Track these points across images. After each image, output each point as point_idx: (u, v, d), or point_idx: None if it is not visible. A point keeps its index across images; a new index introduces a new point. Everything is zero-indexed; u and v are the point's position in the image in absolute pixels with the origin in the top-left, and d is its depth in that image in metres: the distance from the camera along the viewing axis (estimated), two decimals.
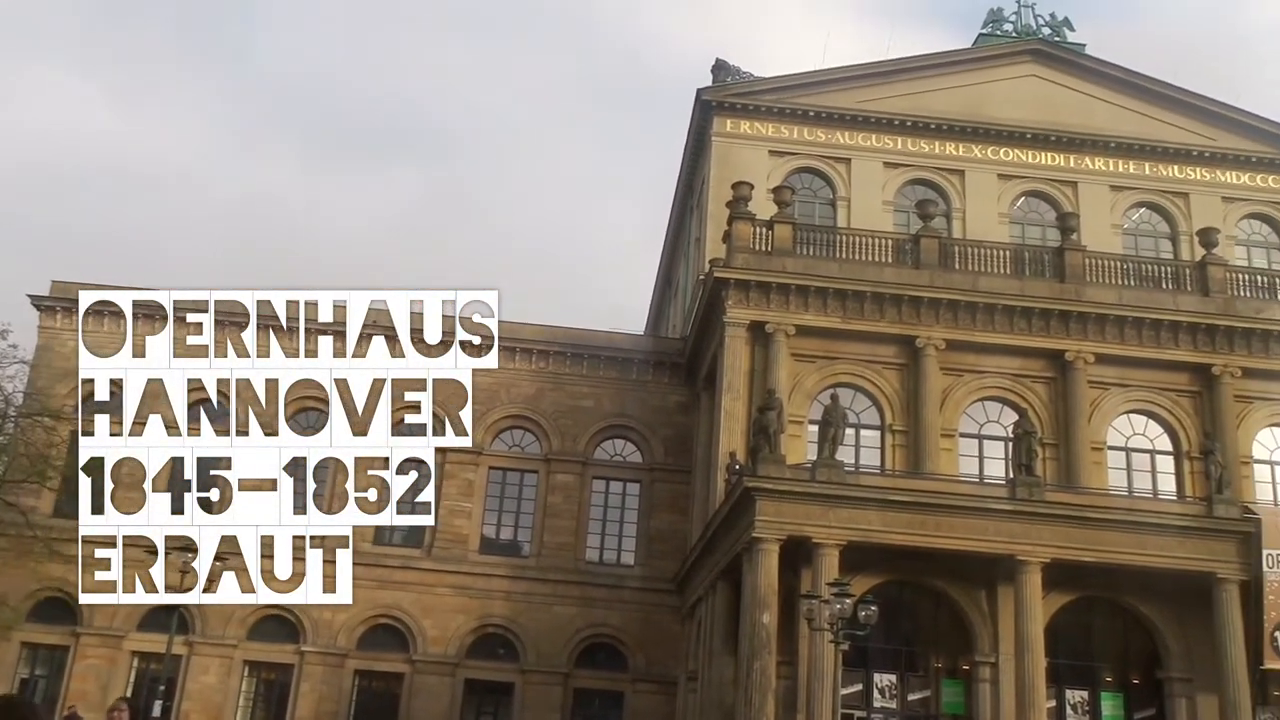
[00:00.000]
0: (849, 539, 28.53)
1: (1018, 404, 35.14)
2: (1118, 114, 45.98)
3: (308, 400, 14.15)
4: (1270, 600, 29.14)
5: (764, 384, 33.97)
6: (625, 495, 43.24)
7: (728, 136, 44.73)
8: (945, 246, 37.28)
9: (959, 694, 31.03)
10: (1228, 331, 35.83)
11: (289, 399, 13.11)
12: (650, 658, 40.84)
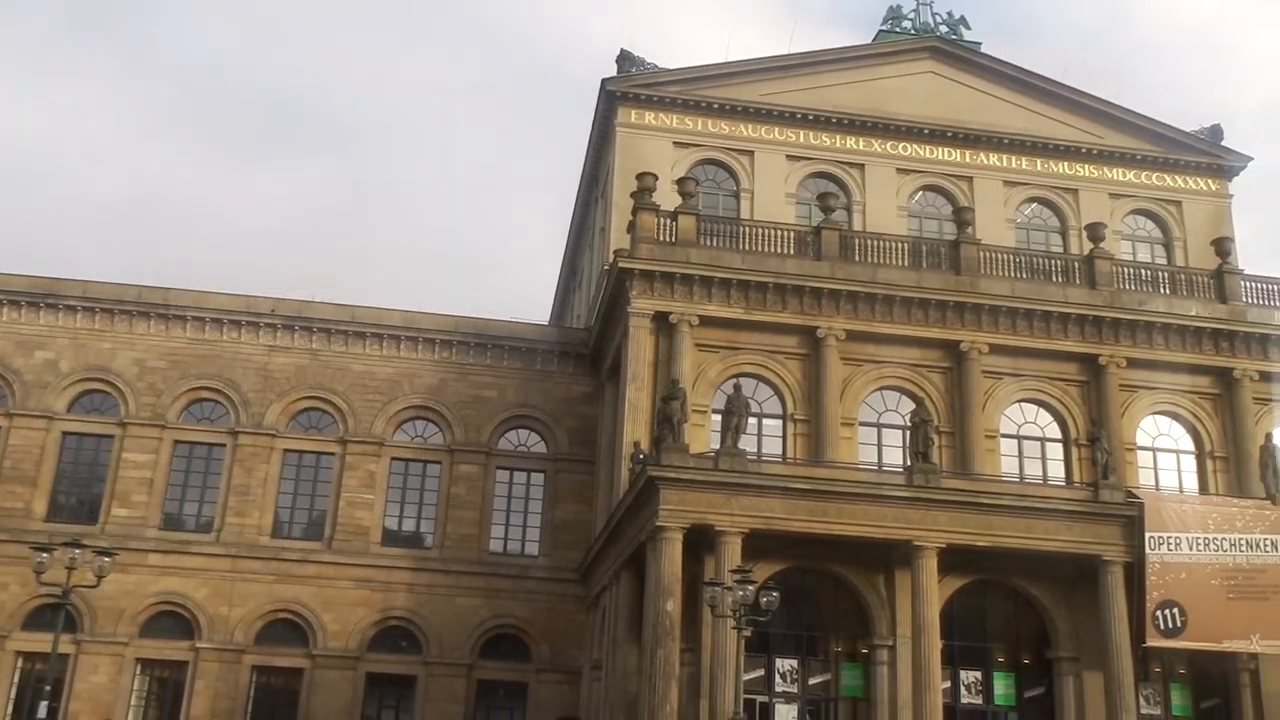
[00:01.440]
0: (752, 527, 28.90)
1: (915, 393, 35.93)
2: (1011, 111, 47.24)
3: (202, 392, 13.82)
4: (1152, 581, 30.34)
5: (668, 374, 34.17)
6: (529, 486, 43.09)
7: (632, 127, 44.78)
8: (846, 239, 37.89)
9: (858, 677, 31.67)
10: (1113, 323, 37.11)
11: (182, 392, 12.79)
12: (555, 648, 40.81)
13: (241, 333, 42.99)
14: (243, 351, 42.82)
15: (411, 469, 42.79)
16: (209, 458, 41.95)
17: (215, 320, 42.85)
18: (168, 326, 42.75)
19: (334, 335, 43.30)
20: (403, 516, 42.34)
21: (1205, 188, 47.43)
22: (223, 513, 41.09)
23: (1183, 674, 33.45)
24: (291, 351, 43.08)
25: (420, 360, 43.52)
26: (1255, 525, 31.00)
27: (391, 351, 43.45)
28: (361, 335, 43.37)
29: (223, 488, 41.42)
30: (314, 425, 42.75)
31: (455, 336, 43.74)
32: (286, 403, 42.47)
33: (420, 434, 43.21)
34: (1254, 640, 30.70)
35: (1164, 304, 37.79)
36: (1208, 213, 46.84)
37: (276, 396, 42.44)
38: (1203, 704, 33.46)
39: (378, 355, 43.36)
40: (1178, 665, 33.32)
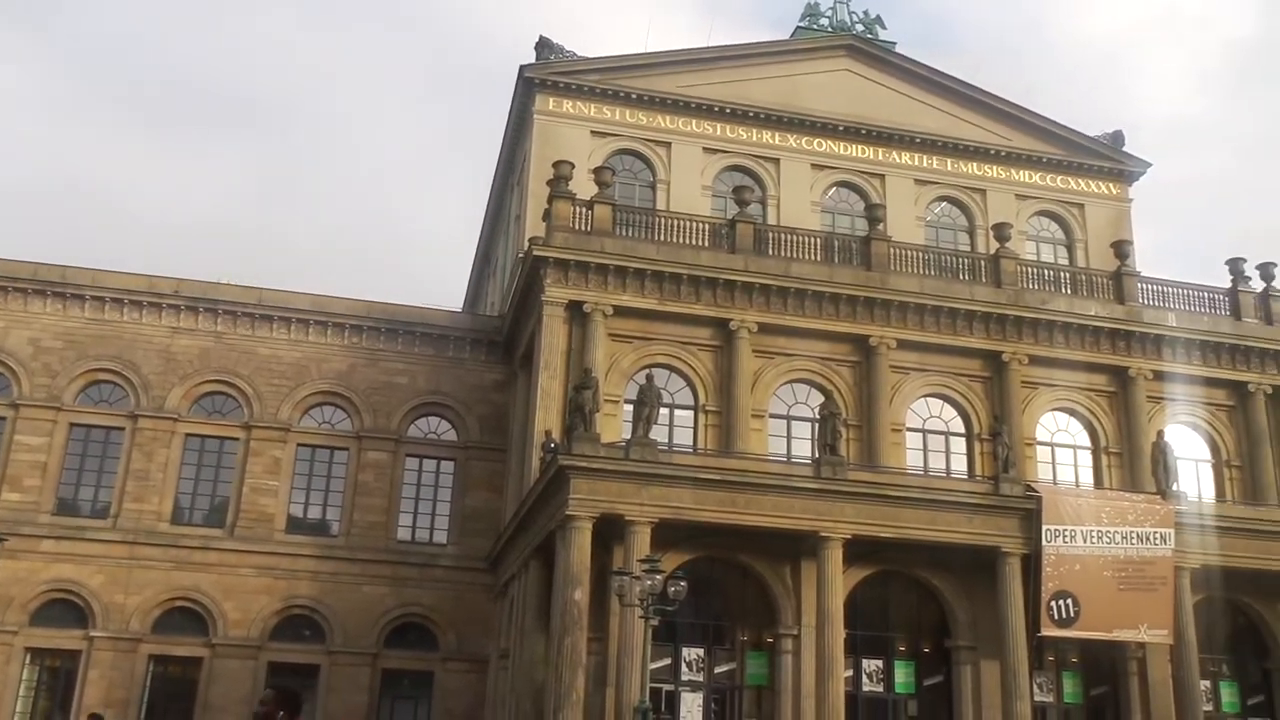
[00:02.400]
0: (661, 516, 29.01)
1: (824, 386, 36.40)
2: (924, 111, 48.10)
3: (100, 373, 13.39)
4: (1048, 572, 31.19)
5: (581, 363, 34.09)
6: (439, 473, 42.72)
7: (550, 115, 44.57)
8: (760, 232, 38.18)
9: (763, 665, 32.04)
10: (1016, 321, 38.01)
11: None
12: (462, 636, 40.56)
13: (143, 313, 41.81)
14: (144, 333, 41.66)
15: (318, 455, 42.12)
16: (106, 441, 40.78)
17: (115, 300, 41.63)
18: (65, 305, 41.42)
19: (240, 318, 42.36)
20: (308, 504, 41.67)
21: (1106, 191, 48.86)
22: (120, 498, 39.98)
23: (1075, 662, 34.49)
24: (195, 333, 42.05)
25: (329, 345, 42.82)
26: (1146, 519, 32.03)
27: (300, 335, 42.66)
28: (269, 318, 42.50)
29: (120, 472, 40.30)
30: (218, 409, 41.81)
31: (366, 321, 43.11)
32: (189, 386, 41.45)
33: (328, 420, 42.53)
34: (1142, 630, 31.75)
35: (1065, 303, 38.81)
36: (1108, 216, 48.27)
37: (179, 379, 41.39)
38: (1093, 691, 34.55)
39: (285, 339, 42.54)
40: (1070, 654, 34.35)
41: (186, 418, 41.29)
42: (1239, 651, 35.42)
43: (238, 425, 41.53)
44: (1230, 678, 35.26)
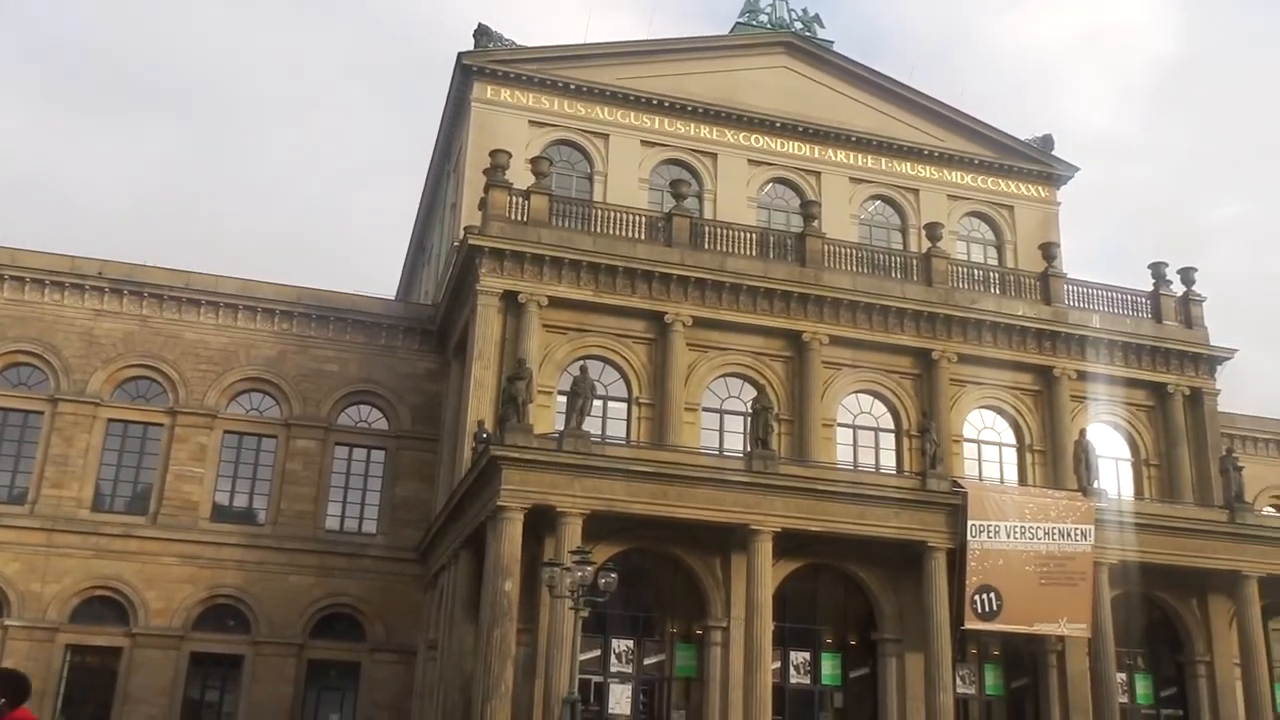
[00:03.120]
0: (593, 508, 29.01)
1: (757, 380, 36.65)
2: (860, 110, 48.62)
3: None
4: (972, 566, 31.76)
5: (515, 353, 33.96)
6: (369, 463, 42.26)
7: (488, 103, 44.28)
8: (696, 226, 38.32)
9: (691, 657, 32.21)
10: (946, 319, 38.61)
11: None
12: (390, 627, 40.21)
13: (65, 295, 40.77)
14: (65, 314, 40.62)
15: (245, 443, 41.42)
16: (25, 425, 39.72)
17: (36, 281, 40.53)
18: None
19: (166, 301, 41.49)
20: (234, 492, 40.99)
21: (1036, 194, 49.80)
22: (38, 484, 38.98)
23: (996, 655, 35.18)
24: (120, 316, 41.10)
25: (258, 331, 42.12)
26: (1067, 515, 32.75)
27: (228, 321, 41.91)
28: (196, 302, 41.68)
29: (39, 458, 39.29)
30: (141, 395, 40.93)
31: (296, 308, 42.47)
32: (112, 370, 40.52)
33: (256, 407, 41.85)
34: (1062, 623, 32.48)
35: (993, 303, 39.51)
36: (1037, 218, 49.22)
37: (101, 363, 40.44)
38: (1014, 683, 35.28)
39: (213, 324, 41.76)
40: (992, 647, 35.03)
41: (109, 402, 40.36)
42: (1154, 645, 36.42)
43: (162, 411, 40.69)
44: (1145, 670, 36.24)
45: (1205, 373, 40.92)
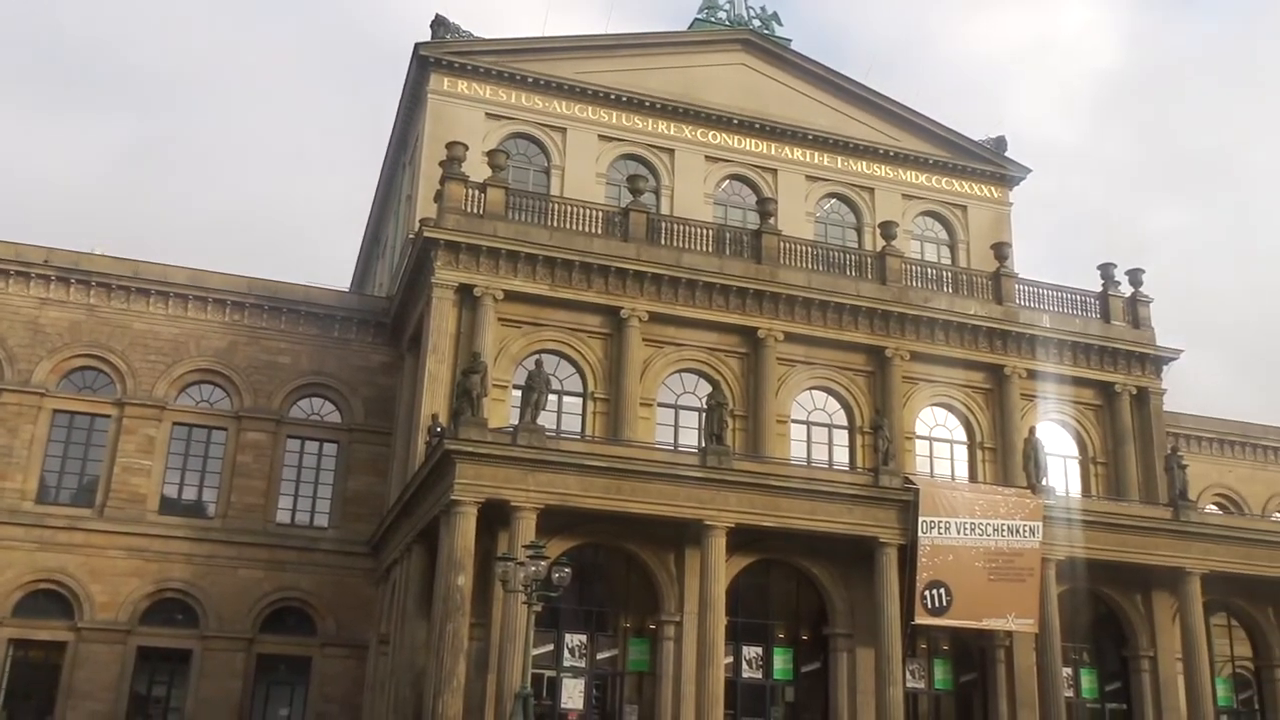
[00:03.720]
0: (547, 503, 28.96)
1: (712, 376, 36.76)
2: (817, 109, 48.89)
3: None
4: (922, 562, 32.08)
5: (470, 347, 33.81)
6: (321, 456, 41.86)
7: (444, 95, 44.01)
8: (653, 222, 38.34)
9: (645, 652, 32.27)
10: (900, 318, 38.95)
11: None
12: (341, 621, 39.90)
13: (9, 283, 39.98)
14: (10, 303, 39.85)
15: (195, 435, 40.88)
16: None
17: None
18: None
19: (114, 290, 40.81)
20: (183, 484, 40.44)
21: (989, 194, 50.35)
22: None
23: (946, 650, 35.58)
24: (66, 305, 40.38)
25: (209, 321, 41.58)
26: (1016, 512, 33.17)
27: (178, 311, 41.32)
28: (145, 292, 41.05)
29: None
30: (88, 385, 40.25)
31: (247, 298, 41.96)
32: (58, 360, 39.81)
33: (206, 398, 41.31)
34: (1010, 619, 32.89)
35: (946, 302, 39.91)
36: (989, 218, 49.78)
37: (47, 353, 39.72)
38: (962, 678, 35.70)
39: (162, 314, 41.15)
40: (942, 641, 35.43)
41: (55, 393, 39.66)
42: (1099, 640, 37.00)
43: (109, 402, 40.05)
44: (1090, 665, 36.81)
45: (1151, 372, 41.62)
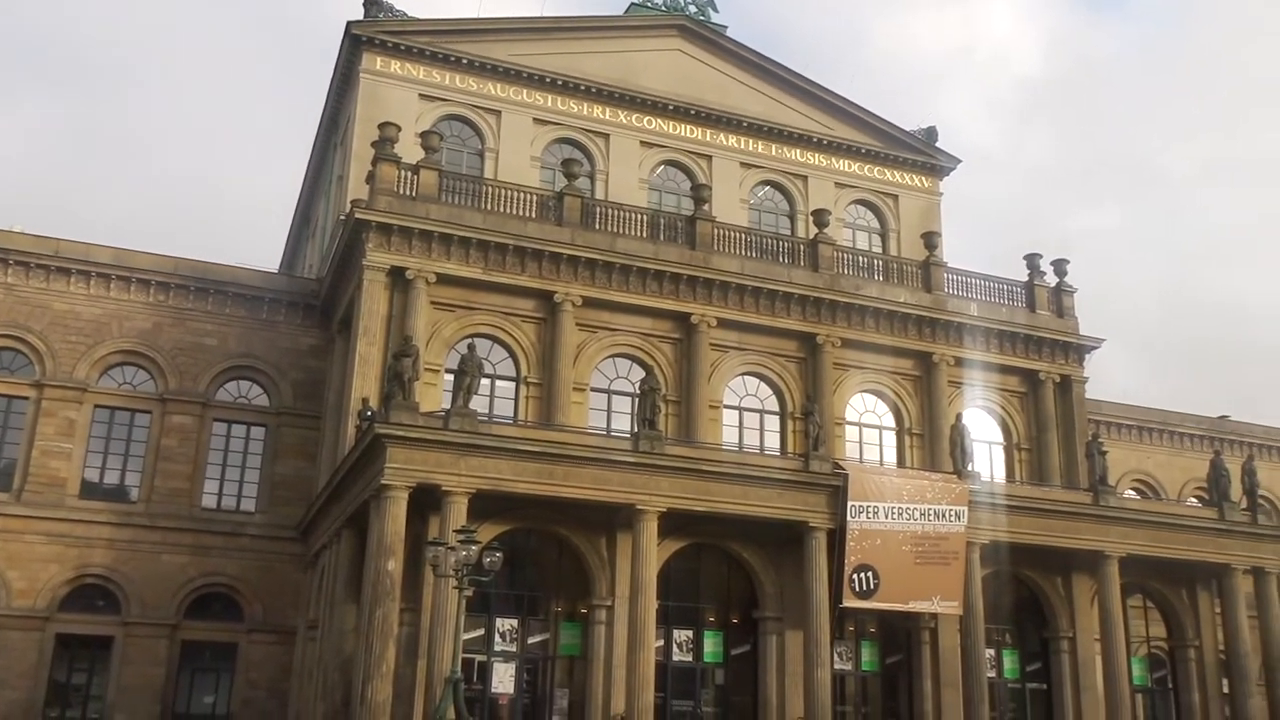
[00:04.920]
0: (479, 487, 28.85)
1: (646, 361, 36.87)
2: (751, 96, 49.10)
3: None
4: (851, 546, 32.53)
5: (401, 330, 33.50)
6: (249, 440, 41.23)
7: (376, 75, 43.44)
8: (587, 206, 38.26)
9: (576, 636, 32.33)
10: (831, 305, 39.35)
11: None
12: (269, 607, 39.41)
13: None
14: None
15: (118, 418, 40.01)
16: None
17: None
18: None
19: (34, 270, 39.72)
20: (105, 468, 39.60)
21: (919, 184, 51.02)
22: None
23: (873, 632, 36.16)
24: None
25: (132, 302, 40.66)
26: (943, 497, 33.77)
27: (100, 291, 40.34)
28: (66, 271, 40.01)
29: None
30: (5, 366, 39.19)
31: (173, 279, 41.09)
32: None
33: (129, 381, 40.43)
34: (935, 601, 33.53)
35: (877, 290, 40.41)
36: (920, 207, 50.46)
37: None
38: (888, 659, 36.30)
39: (84, 294, 40.15)
40: (869, 624, 36.00)
41: None
42: (1021, 621, 37.84)
43: (27, 384, 39.01)
44: (1012, 646, 37.64)
45: (1075, 361, 42.57)
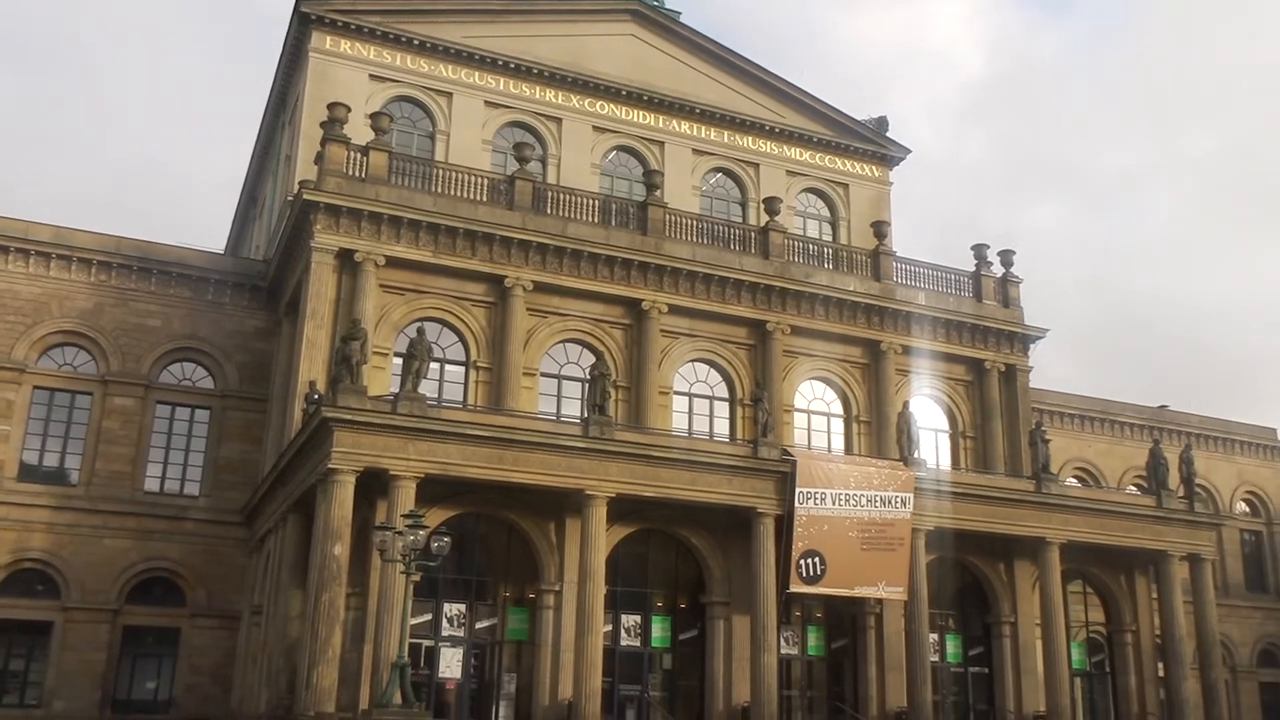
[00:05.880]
0: (427, 472, 28.70)
1: (596, 347, 36.86)
2: (705, 83, 49.13)
3: None
4: (798, 532, 32.80)
5: (350, 313, 33.18)
6: (193, 423, 40.68)
7: (326, 54, 42.90)
8: (539, 191, 38.09)
9: (524, 620, 32.32)
10: (781, 292, 39.55)
11: None
12: (212, 592, 38.97)
13: None
14: None
15: (58, 399, 39.30)
16: None
17: None
18: None
19: None
20: (45, 450, 38.91)
21: (870, 173, 51.39)
22: None
23: (819, 617, 36.51)
24: None
25: (73, 281, 39.90)
26: (889, 483, 34.14)
27: (40, 269, 39.52)
28: (4, 249, 39.16)
29: None
30: None
31: (115, 258, 40.36)
32: None
33: (70, 362, 39.70)
34: (880, 586, 33.91)
35: (827, 278, 40.66)
36: (870, 197, 50.84)
37: None
38: (834, 644, 36.69)
39: (22, 272, 39.31)
40: (815, 609, 36.34)
41: None
42: (964, 606, 38.42)
43: None
44: (955, 630, 38.19)
45: (1020, 350, 43.16)
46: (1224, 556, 53.22)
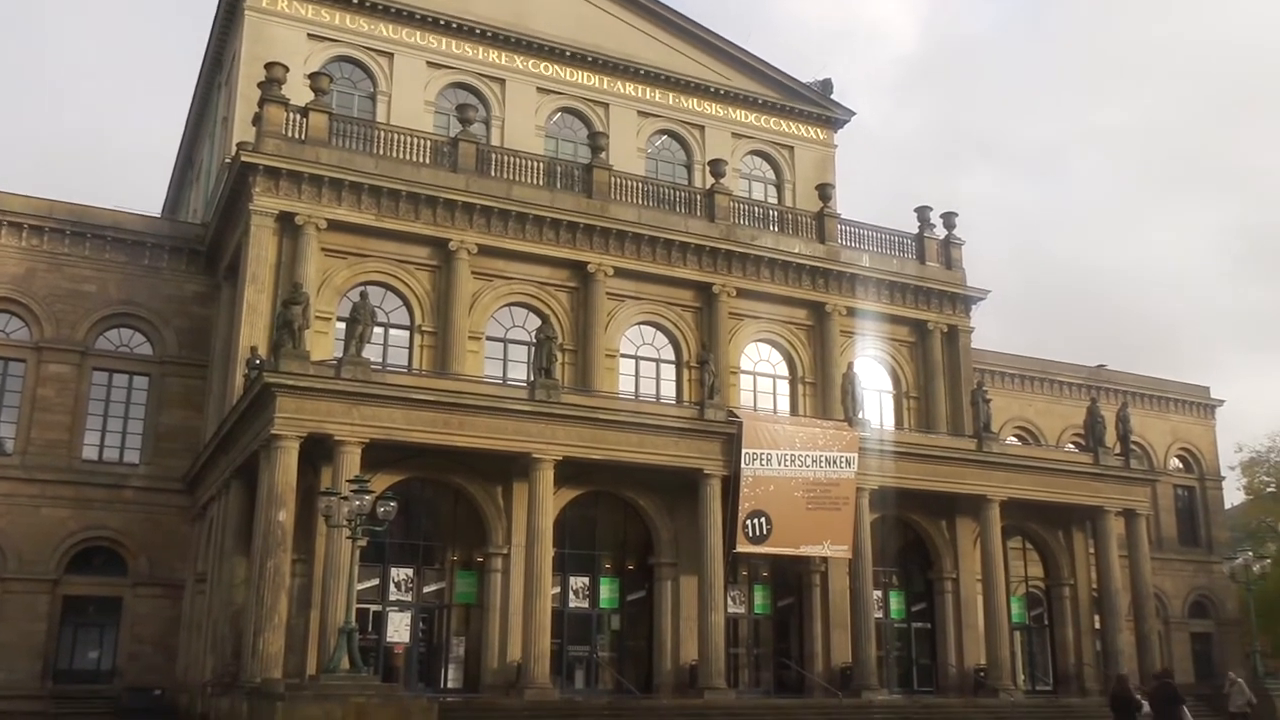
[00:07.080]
0: (372, 437, 28.50)
1: (542, 310, 36.69)
2: (649, 44, 48.82)
3: None
4: (745, 493, 33.05)
5: (291, 277, 32.73)
6: (131, 389, 39.94)
7: (263, 13, 41.99)
8: (483, 153, 37.72)
9: (472, 584, 32.34)
10: (727, 255, 39.63)
11: None
12: (154, 560, 38.49)
13: None
14: None
15: None
16: None
17: None
18: None
19: None
20: None
21: (814, 136, 51.50)
22: None
23: (765, 576, 36.92)
24: None
25: (4, 246, 38.88)
26: (834, 444, 34.48)
27: None
28: None
29: None
30: None
31: (48, 222, 39.36)
32: None
33: (2, 328, 38.75)
34: (825, 545, 34.33)
35: (772, 240, 40.80)
36: (815, 159, 50.98)
37: None
38: (780, 602, 37.14)
39: None
40: (761, 569, 36.74)
41: None
42: (907, 564, 39.04)
43: None
44: (899, 587, 38.84)
45: (962, 311, 43.68)
46: (1158, 512, 54.46)
